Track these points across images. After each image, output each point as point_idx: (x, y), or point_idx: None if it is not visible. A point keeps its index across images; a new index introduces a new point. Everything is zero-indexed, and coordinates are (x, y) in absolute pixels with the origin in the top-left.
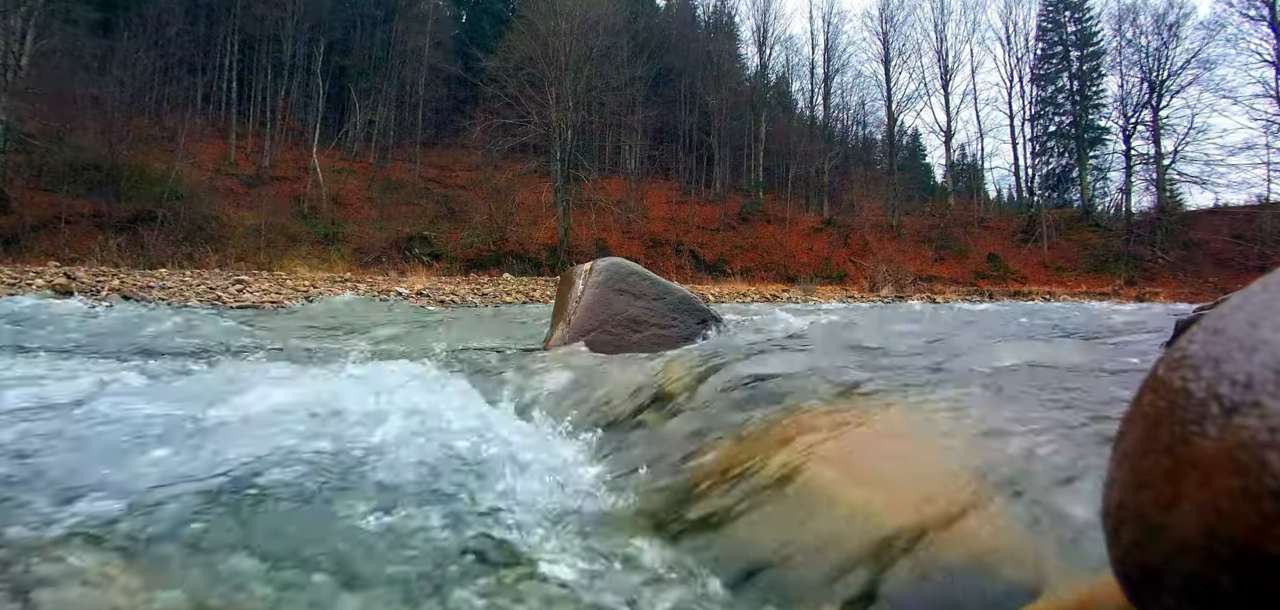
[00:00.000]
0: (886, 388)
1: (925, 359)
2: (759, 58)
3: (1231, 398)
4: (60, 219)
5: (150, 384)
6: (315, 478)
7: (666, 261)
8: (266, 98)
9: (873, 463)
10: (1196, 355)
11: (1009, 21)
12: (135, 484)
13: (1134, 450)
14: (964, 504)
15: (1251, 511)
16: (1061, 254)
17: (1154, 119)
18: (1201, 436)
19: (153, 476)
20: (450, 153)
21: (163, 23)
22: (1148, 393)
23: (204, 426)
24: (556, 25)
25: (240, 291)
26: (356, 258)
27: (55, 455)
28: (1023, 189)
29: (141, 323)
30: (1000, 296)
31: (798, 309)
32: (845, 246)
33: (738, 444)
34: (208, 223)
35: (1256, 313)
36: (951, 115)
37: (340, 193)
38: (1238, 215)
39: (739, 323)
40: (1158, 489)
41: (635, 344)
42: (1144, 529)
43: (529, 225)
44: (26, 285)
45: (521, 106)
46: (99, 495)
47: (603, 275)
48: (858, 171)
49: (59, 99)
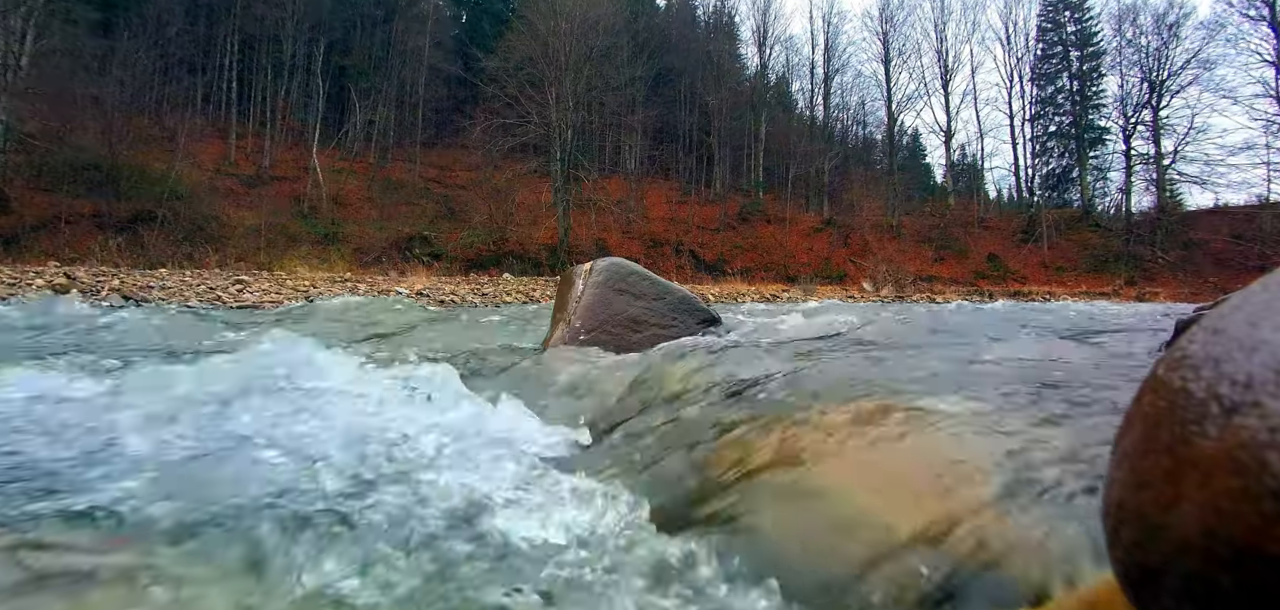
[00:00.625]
0: (888, 387)
1: (926, 358)
2: (759, 58)
3: (1231, 398)
4: (60, 219)
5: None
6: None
7: (666, 261)
8: (266, 98)
9: (873, 462)
10: (1196, 355)
11: (1009, 21)
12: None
13: (1134, 450)
14: (966, 504)
15: (1251, 511)
16: (1061, 254)
17: (1154, 119)
18: (1201, 436)
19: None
20: (450, 153)
21: (163, 23)
22: (1148, 393)
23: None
24: (556, 25)
25: (240, 292)
26: (356, 258)
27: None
28: (1023, 189)
29: (170, 325)
30: (1000, 296)
31: (797, 309)
32: (845, 246)
33: (738, 443)
34: (208, 223)
35: (1256, 313)
36: (951, 115)
37: (340, 193)
38: (1238, 215)
39: (739, 323)
40: (1158, 489)
41: (635, 344)
42: (1144, 529)
43: (529, 225)
44: (26, 285)
45: (521, 106)
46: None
47: (603, 275)
48: (858, 171)
49: (59, 99)
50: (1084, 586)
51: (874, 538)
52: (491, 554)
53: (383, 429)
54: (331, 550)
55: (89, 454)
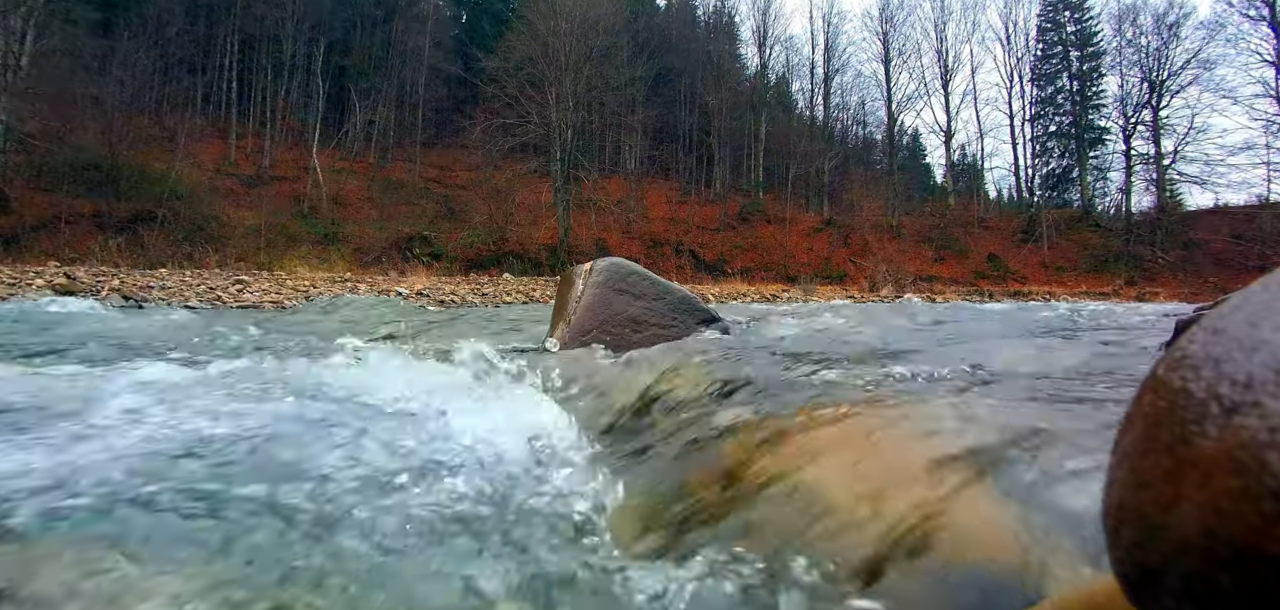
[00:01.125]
0: (888, 386)
1: (926, 358)
2: (759, 58)
3: (1231, 398)
4: (60, 219)
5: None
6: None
7: (666, 261)
8: (266, 98)
9: (869, 460)
10: (1196, 355)
11: (1009, 21)
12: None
13: (1134, 450)
14: (966, 504)
15: (1251, 511)
16: (1061, 254)
17: (1154, 119)
18: (1201, 436)
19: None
20: (450, 153)
21: (163, 23)
22: (1147, 393)
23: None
24: (556, 25)
25: (240, 292)
26: (356, 258)
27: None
28: (1023, 189)
29: (185, 324)
30: (1000, 297)
31: (797, 309)
32: (845, 246)
33: (736, 441)
34: (208, 223)
35: (1256, 313)
36: (951, 115)
37: (340, 193)
38: (1238, 215)
39: (739, 322)
40: (1158, 489)
41: (635, 343)
42: (1144, 529)
43: (529, 225)
44: (27, 285)
45: (521, 106)
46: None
47: (603, 275)
48: (858, 171)
49: (59, 99)
50: (1084, 586)
51: (868, 535)
52: (488, 548)
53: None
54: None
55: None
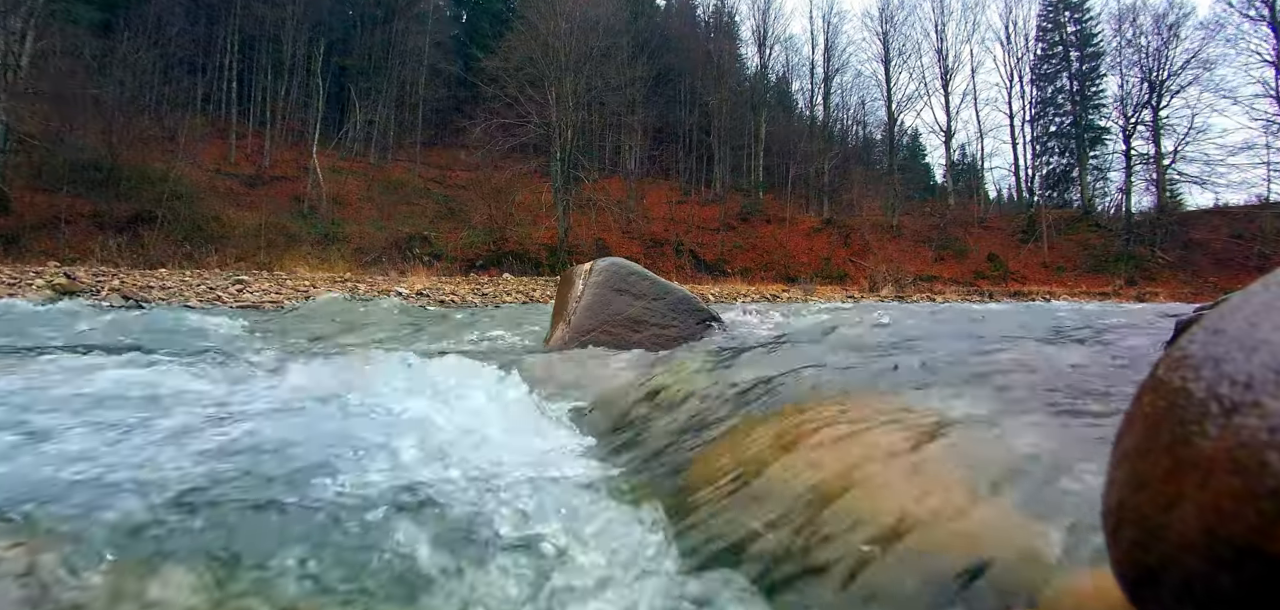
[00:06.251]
0: (887, 385)
1: (926, 357)
2: (759, 58)
3: (1231, 398)
4: (60, 219)
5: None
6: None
7: (666, 261)
8: (266, 98)
9: (866, 458)
10: (1196, 355)
11: (1009, 21)
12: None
13: (1134, 450)
14: (967, 503)
15: (1251, 511)
16: (1061, 254)
17: (1154, 119)
18: (1201, 436)
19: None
20: (450, 153)
21: (163, 23)
22: (1148, 393)
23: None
24: (556, 25)
25: (240, 291)
26: (356, 258)
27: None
28: (1023, 189)
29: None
30: (1000, 296)
31: (797, 308)
32: (845, 246)
33: (735, 440)
34: (208, 223)
35: (1256, 313)
36: (951, 115)
37: (340, 193)
38: (1238, 215)
39: (738, 322)
40: (1158, 489)
41: (635, 343)
42: (1144, 529)
43: (529, 225)
44: (26, 285)
45: (521, 106)
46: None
47: (602, 275)
48: (858, 171)
49: (59, 99)
50: (1083, 587)
51: (866, 534)
52: (488, 546)
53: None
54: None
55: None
